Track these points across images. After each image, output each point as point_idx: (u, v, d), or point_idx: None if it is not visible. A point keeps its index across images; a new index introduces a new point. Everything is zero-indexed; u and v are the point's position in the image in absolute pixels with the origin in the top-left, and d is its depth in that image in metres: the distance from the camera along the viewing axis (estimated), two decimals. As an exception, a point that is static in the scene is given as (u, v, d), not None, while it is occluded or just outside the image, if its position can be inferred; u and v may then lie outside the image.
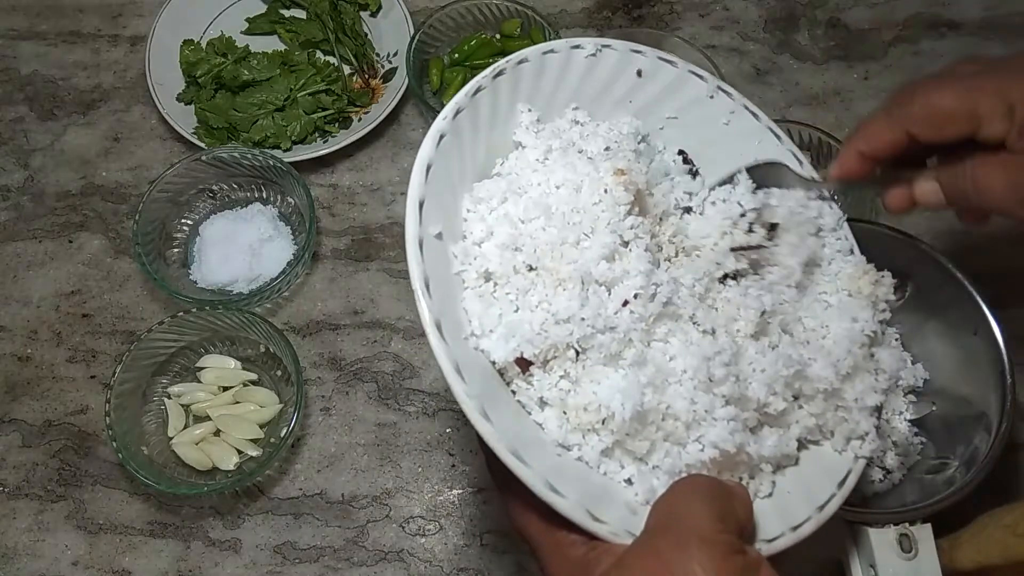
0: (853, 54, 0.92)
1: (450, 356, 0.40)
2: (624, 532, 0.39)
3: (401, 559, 0.70)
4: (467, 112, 0.46)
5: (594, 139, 0.49)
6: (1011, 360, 0.60)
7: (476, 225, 0.45)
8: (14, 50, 0.93)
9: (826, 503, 0.45)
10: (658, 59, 0.52)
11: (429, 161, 0.44)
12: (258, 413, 0.73)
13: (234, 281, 0.78)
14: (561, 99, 0.50)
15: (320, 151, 0.82)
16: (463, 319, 0.43)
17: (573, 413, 0.43)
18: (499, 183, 0.47)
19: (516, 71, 0.48)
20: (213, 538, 0.71)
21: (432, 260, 0.42)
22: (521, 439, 0.40)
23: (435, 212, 0.43)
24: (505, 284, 0.44)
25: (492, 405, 0.40)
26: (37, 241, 0.83)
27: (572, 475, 0.41)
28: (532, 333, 0.42)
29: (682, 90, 0.53)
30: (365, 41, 0.90)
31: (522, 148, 0.49)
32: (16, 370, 0.77)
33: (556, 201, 0.46)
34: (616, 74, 0.51)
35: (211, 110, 0.84)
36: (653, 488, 0.42)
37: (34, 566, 0.70)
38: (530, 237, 0.44)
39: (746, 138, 0.54)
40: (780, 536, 0.43)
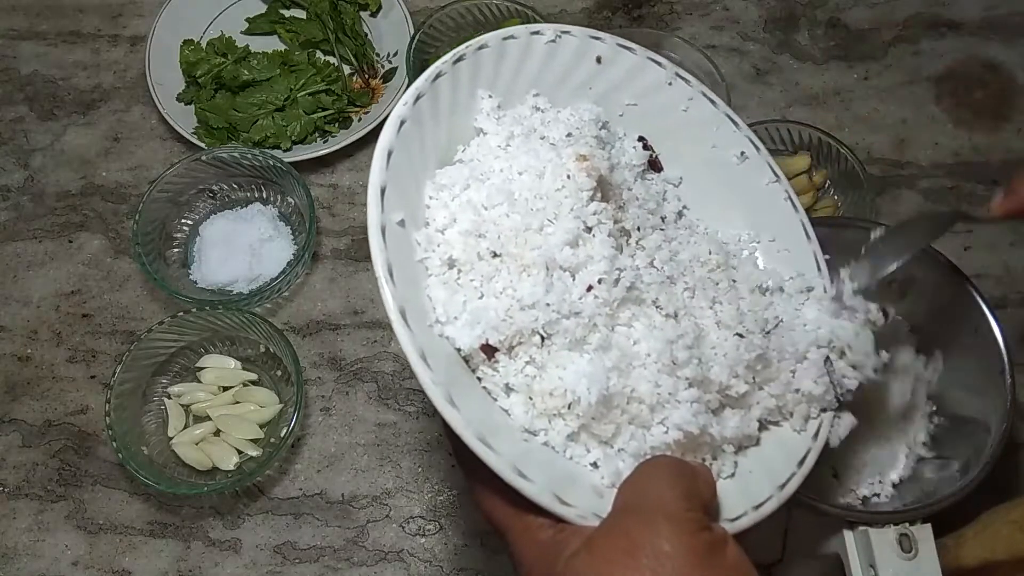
0: (853, 54, 0.92)
1: (415, 344, 0.40)
2: (591, 515, 0.39)
3: (401, 559, 0.70)
4: (427, 98, 0.46)
5: (556, 125, 0.49)
6: (1011, 360, 0.60)
7: (439, 212, 0.45)
8: (14, 50, 0.93)
9: (787, 482, 0.45)
10: (617, 45, 0.52)
11: (390, 147, 0.44)
12: (258, 413, 0.73)
13: (234, 281, 0.78)
14: (522, 85, 0.50)
15: (320, 151, 0.82)
16: (427, 306, 0.43)
17: (539, 398, 0.43)
18: (461, 170, 0.47)
19: (476, 56, 0.48)
20: (213, 538, 0.71)
21: (395, 247, 0.42)
22: (488, 425, 0.40)
23: (397, 199, 0.43)
24: (469, 271, 0.44)
25: (458, 392, 0.40)
26: (37, 241, 0.83)
27: (539, 460, 0.41)
28: (497, 319, 0.42)
29: (641, 76, 0.53)
30: (365, 41, 0.90)
31: (484, 134, 0.49)
32: (16, 370, 0.77)
33: (519, 187, 0.46)
34: (576, 60, 0.51)
35: (211, 110, 0.84)
36: (619, 471, 0.43)
37: (34, 566, 0.70)
38: (493, 224, 0.44)
39: (704, 125, 0.54)
40: (743, 515, 0.43)
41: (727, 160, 0.54)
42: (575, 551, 0.37)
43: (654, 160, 0.54)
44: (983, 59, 0.91)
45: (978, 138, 0.87)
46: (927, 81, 0.90)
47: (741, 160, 0.54)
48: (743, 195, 0.55)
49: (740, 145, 0.54)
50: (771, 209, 0.54)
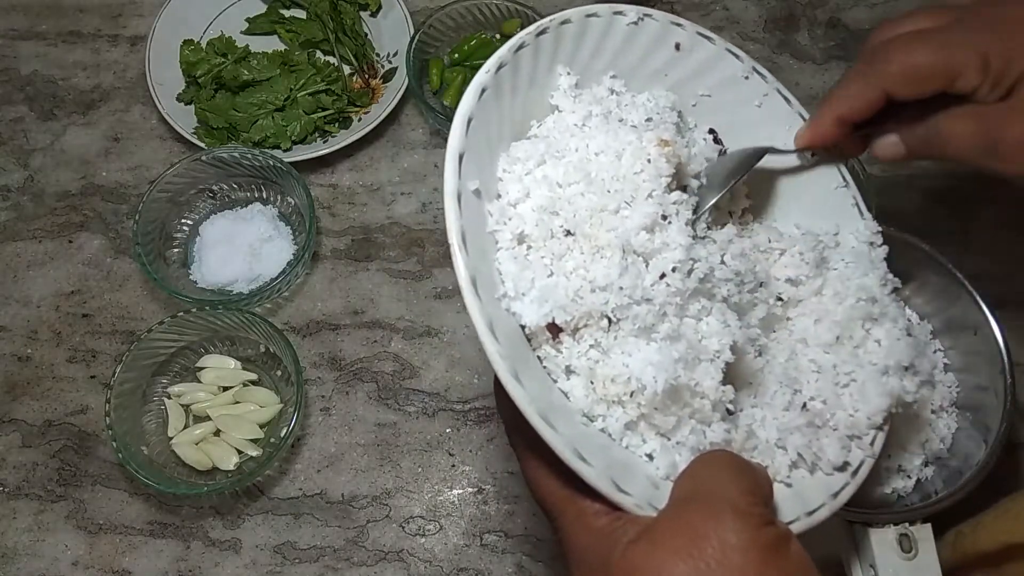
0: (853, 54, 0.92)
1: (484, 315, 0.39)
2: (647, 505, 0.39)
3: (401, 559, 0.70)
4: (509, 68, 0.45)
5: (634, 109, 0.48)
6: (1011, 360, 0.60)
7: (512, 186, 0.45)
8: (14, 50, 0.93)
9: (840, 490, 0.45)
10: (697, 34, 0.52)
11: (470, 114, 0.43)
12: (258, 413, 0.73)
13: (234, 281, 0.78)
14: (599, 65, 0.50)
15: (320, 151, 0.82)
16: (496, 279, 0.42)
17: (600, 383, 0.42)
18: (537, 145, 0.46)
19: (559, 31, 0.47)
20: (213, 538, 0.71)
21: (469, 216, 0.41)
22: (549, 405, 0.39)
23: (474, 167, 0.42)
24: (540, 248, 0.43)
25: (521, 368, 0.39)
26: (37, 241, 0.83)
27: (596, 445, 0.41)
28: (566, 299, 0.42)
29: (717, 68, 0.52)
30: (365, 41, 0.90)
31: (559, 112, 0.48)
32: (16, 370, 0.77)
33: (596, 167, 0.45)
34: (655, 45, 0.51)
35: (211, 110, 0.84)
36: (675, 463, 0.42)
37: (34, 566, 0.70)
38: (568, 202, 0.44)
39: (776, 122, 0.53)
40: (796, 520, 0.42)
41: (795, 160, 0.54)
42: (634, 539, 0.37)
43: (724, 153, 0.53)
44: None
45: (978, 138, 0.87)
46: (927, 81, 0.90)
47: (811, 161, 0.53)
48: (808, 197, 0.54)
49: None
50: (837, 212, 0.53)
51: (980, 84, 0.46)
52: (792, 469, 0.45)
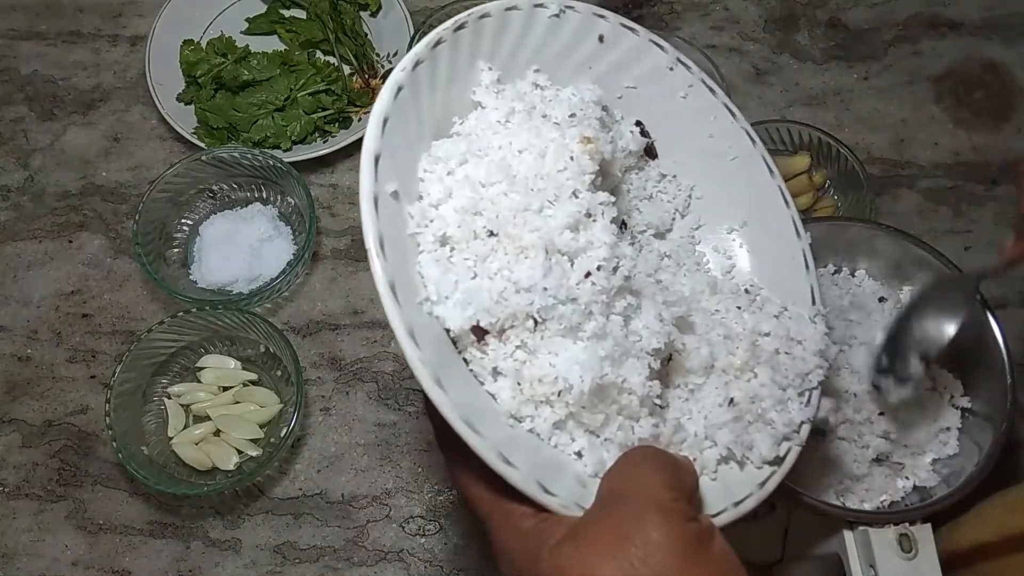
0: (853, 54, 0.92)
1: (404, 320, 0.38)
2: (574, 505, 0.39)
3: (401, 559, 0.70)
4: (426, 65, 0.44)
5: (558, 104, 0.48)
6: (1011, 360, 0.60)
7: (433, 186, 0.44)
8: (14, 50, 0.93)
9: (766, 480, 0.45)
10: (620, 25, 0.51)
11: (386, 114, 0.41)
12: (258, 413, 0.73)
13: (234, 281, 0.78)
14: (522, 59, 0.49)
15: (320, 151, 0.82)
16: (418, 283, 0.42)
17: (528, 384, 0.42)
18: (458, 143, 0.45)
19: (478, 25, 0.46)
20: (213, 538, 0.71)
21: (387, 219, 0.40)
22: (474, 409, 0.39)
23: (391, 168, 0.41)
24: (464, 249, 0.43)
25: (445, 373, 0.39)
26: (37, 241, 0.83)
27: (524, 447, 0.41)
28: (491, 301, 0.41)
29: (642, 59, 0.52)
30: (365, 41, 0.90)
31: (482, 108, 0.47)
32: (16, 370, 0.77)
33: (519, 166, 0.44)
34: (578, 37, 0.50)
35: (211, 110, 0.84)
36: (603, 460, 0.42)
37: (34, 566, 0.70)
38: (491, 202, 0.43)
39: (703, 113, 0.53)
40: (723, 511, 0.42)
41: (722, 151, 0.54)
42: (560, 540, 0.37)
43: (650, 147, 0.53)
44: (983, 59, 0.91)
45: (978, 138, 0.87)
46: (927, 81, 0.90)
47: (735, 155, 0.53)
48: (736, 188, 0.54)
49: (736, 136, 0.53)
50: (764, 205, 0.53)
51: None
52: (720, 464, 0.45)
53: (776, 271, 0.52)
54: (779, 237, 0.52)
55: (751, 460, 0.45)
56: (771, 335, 0.48)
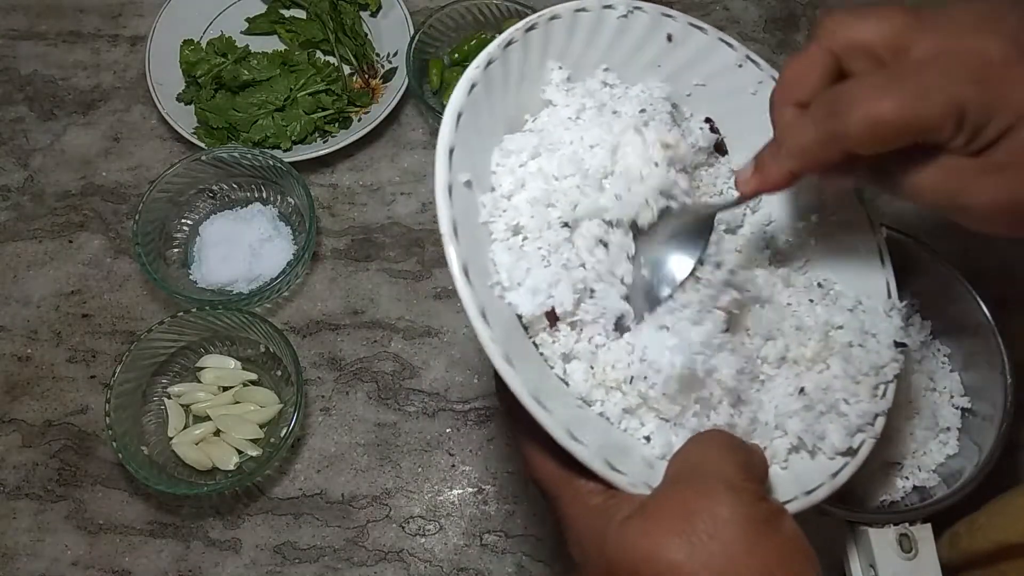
0: (853, 54, 0.92)
1: (476, 301, 0.39)
2: (642, 483, 0.39)
3: (401, 559, 0.70)
4: (499, 63, 0.46)
5: (627, 101, 0.48)
6: (1011, 360, 0.60)
7: (505, 178, 0.45)
8: (14, 50, 0.93)
9: (839, 471, 0.45)
10: (688, 24, 0.52)
11: (460, 109, 0.43)
12: (258, 413, 0.73)
13: (234, 281, 0.78)
14: (591, 59, 0.50)
15: (320, 151, 0.82)
16: (490, 268, 0.43)
17: (601, 369, 0.43)
18: (530, 137, 0.46)
19: (548, 26, 0.48)
20: (213, 538, 0.71)
21: (460, 207, 0.41)
22: (543, 388, 0.40)
23: (464, 160, 0.43)
24: (536, 239, 0.44)
25: (516, 354, 0.39)
26: (37, 241, 0.83)
27: (592, 427, 0.41)
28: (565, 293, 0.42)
29: (711, 57, 0.53)
30: (365, 41, 0.90)
31: (553, 105, 0.48)
32: (16, 370, 0.77)
33: (591, 160, 0.45)
34: (646, 37, 0.51)
35: (211, 110, 0.84)
36: (671, 443, 0.42)
37: (34, 566, 0.70)
38: (564, 194, 0.44)
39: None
40: (794, 499, 0.43)
41: None
42: (627, 516, 0.37)
43: (720, 143, 0.53)
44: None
45: (978, 138, 0.87)
46: (927, 81, 0.90)
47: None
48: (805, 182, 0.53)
49: None
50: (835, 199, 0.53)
51: (953, 137, 0.38)
52: (791, 453, 0.45)
53: (850, 265, 0.52)
54: (851, 231, 0.52)
55: (823, 450, 0.45)
56: (844, 328, 0.48)
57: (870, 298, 0.50)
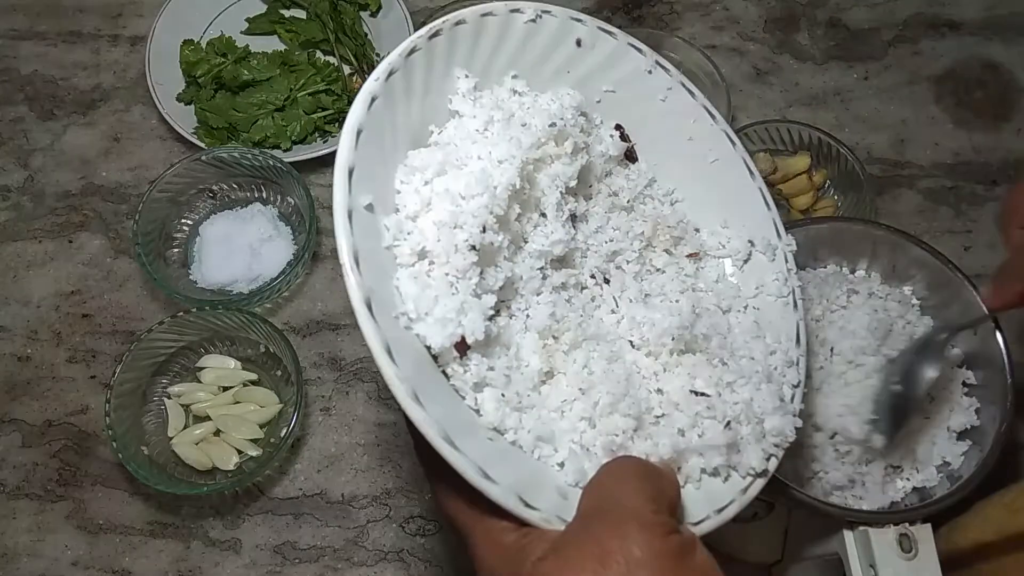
0: (853, 54, 0.92)
1: (380, 337, 0.37)
2: (555, 518, 0.38)
3: (401, 559, 0.70)
4: (400, 74, 0.43)
5: (536, 112, 0.47)
6: (1011, 360, 0.60)
7: (410, 198, 0.42)
8: (14, 50, 0.93)
9: (748, 487, 0.45)
10: (598, 29, 0.51)
11: (359, 126, 0.41)
12: (258, 413, 0.73)
13: (234, 281, 0.78)
14: (499, 65, 0.48)
15: (320, 151, 0.82)
16: (396, 297, 0.41)
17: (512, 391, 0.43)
18: (435, 153, 0.44)
19: (453, 32, 0.46)
20: (213, 538, 0.71)
21: (362, 233, 0.39)
22: (454, 424, 0.38)
23: (366, 181, 0.40)
24: (444, 264, 0.42)
25: (424, 389, 0.38)
26: (37, 241, 0.83)
27: (505, 460, 0.40)
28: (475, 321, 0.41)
29: (621, 63, 0.52)
30: (365, 41, 0.90)
31: (459, 117, 0.47)
32: (16, 370, 0.77)
33: (500, 177, 0.44)
34: (556, 42, 0.50)
35: (211, 110, 0.84)
36: (583, 470, 0.42)
37: (34, 566, 0.70)
38: (472, 215, 0.42)
39: (682, 116, 0.53)
40: (706, 519, 0.42)
41: (703, 153, 0.53)
42: (542, 556, 0.37)
43: (630, 150, 0.53)
44: (983, 59, 0.91)
45: (978, 138, 0.87)
46: (927, 81, 0.90)
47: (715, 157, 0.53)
48: (716, 191, 0.54)
49: (716, 139, 0.53)
50: (744, 206, 0.53)
51: None
52: (704, 474, 0.45)
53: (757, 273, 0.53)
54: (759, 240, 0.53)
55: (737, 471, 0.45)
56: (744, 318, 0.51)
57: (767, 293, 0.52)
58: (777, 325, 0.51)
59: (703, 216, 0.54)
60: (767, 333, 0.50)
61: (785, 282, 0.52)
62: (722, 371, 0.47)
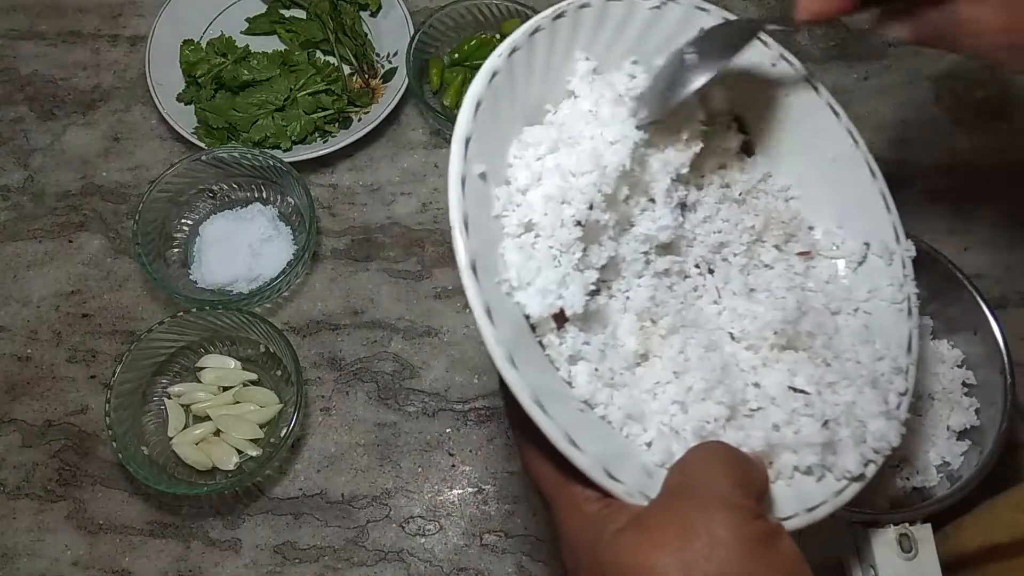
0: (853, 54, 0.92)
1: (483, 298, 0.38)
2: (639, 494, 0.38)
3: (401, 559, 0.70)
4: (523, 52, 0.44)
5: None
6: (1011, 360, 0.60)
7: (522, 172, 0.43)
8: (14, 50, 0.93)
9: (842, 490, 0.44)
10: (723, 19, 0.50)
11: (479, 98, 0.42)
12: (258, 413, 0.73)
13: (234, 281, 0.78)
14: (620, 50, 0.49)
15: (320, 151, 0.82)
16: (499, 265, 0.42)
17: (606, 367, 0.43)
18: (549, 130, 0.45)
19: (577, 15, 0.46)
20: (213, 538, 0.71)
21: (473, 200, 0.40)
22: (546, 391, 0.39)
23: (481, 151, 0.41)
24: (548, 237, 0.42)
25: (520, 354, 0.39)
26: (37, 241, 0.83)
27: (593, 432, 0.40)
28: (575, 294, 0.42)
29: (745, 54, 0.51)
30: (365, 41, 0.90)
31: (575, 98, 0.47)
32: (16, 370, 0.77)
33: (611, 157, 0.44)
34: (679, 30, 0.49)
35: (211, 110, 0.84)
36: (671, 451, 0.42)
37: (34, 566, 0.70)
38: (580, 192, 0.43)
39: (805, 111, 0.52)
40: (795, 515, 0.42)
41: (823, 151, 0.53)
42: (622, 528, 0.36)
43: (747, 143, 0.52)
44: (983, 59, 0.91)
45: (978, 138, 0.87)
46: (927, 81, 0.90)
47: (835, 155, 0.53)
48: (835, 189, 0.53)
49: (838, 136, 0.53)
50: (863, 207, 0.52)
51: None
52: (797, 471, 0.44)
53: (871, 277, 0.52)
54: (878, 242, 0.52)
55: (832, 473, 0.45)
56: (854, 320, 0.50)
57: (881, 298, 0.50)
58: (888, 331, 0.49)
59: (818, 214, 0.53)
60: (877, 338, 0.49)
61: (900, 288, 0.50)
62: (824, 371, 0.46)
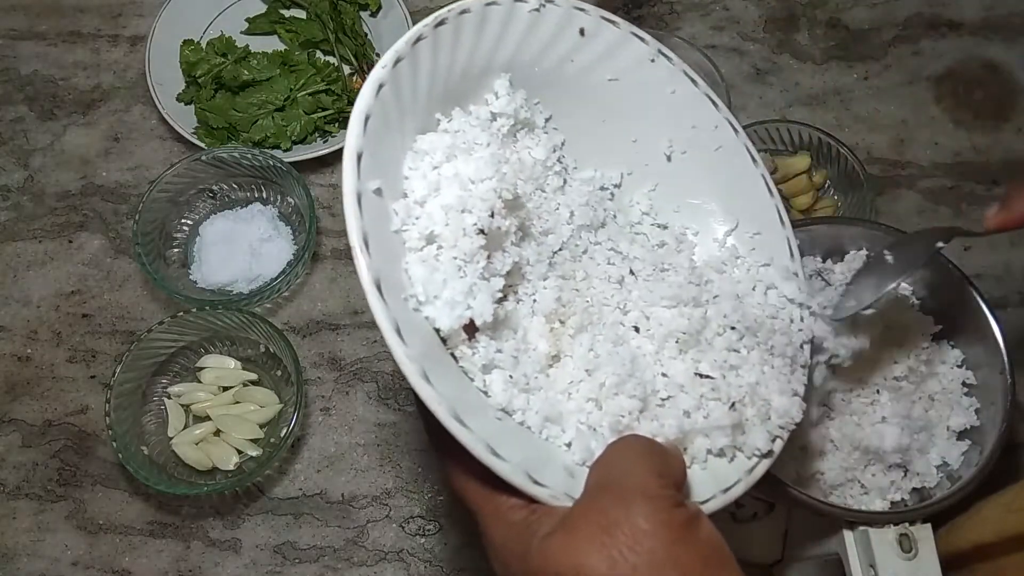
0: (853, 54, 0.92)
1: (390, 317, 0.38)
2: (563, 495, 0.39)
3: (401, 559, 0.70)
4: (407, 62, 0.44)
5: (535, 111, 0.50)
6: (1011, 360, 0.60)
7: (418, 183, 0.43)
8: (14, 50, 0.93)
9: (754, 468, 0.45)
10: (601, 19, 0.51)
11: (367, 112, 0.41)
12: (258, 413, 0.73)
13: (234, 281, 0.78)
14: (503, 55, 0.49)
15: (320, 151, 0.82)
16: (404, 281, 0.41)
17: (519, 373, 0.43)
18: (443, 137, 0.45)
19: (458, 21, 0.46)
20: (213, 538, 0.71)
21: (371, 217, 0.40)
22: (462, 403, 0.39)
23: (374, 166, 0.41)
24: (451, 248, 0.42)
25: (433, 369, 0.39)
26: (37, 241, 0.83)
27: (513, 439, 0.41)
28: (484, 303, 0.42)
29: (624, 52, 0.52)
30: (365, 41, 0.90)
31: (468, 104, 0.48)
32: (16, 370, 0.77)
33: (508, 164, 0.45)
34: (559, 31, 0.50)
35: (211, 110, 0.84)
36: (590, 449, 0.42)
37: (34, 566, 0.70)
38: (480, 199, 0.43)
39: (685, 104, 0.53)
40: (712, 498, 0.43)
41: (706, 141, 0.54)
42: (550, 531, 0.37)
43: None
44: (983, 59, 0.91)
45: (978, 138, 0.87)
46: (927, 81, 0.90)
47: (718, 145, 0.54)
48: (720, 178, 0.54)
49: (719, 126, 0.54)
50: (748, 194, 0.54)
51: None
52: (710, 454, 0.46)
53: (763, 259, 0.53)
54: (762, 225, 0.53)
55: (743, 451, 0.46)
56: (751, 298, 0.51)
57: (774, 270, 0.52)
58: (784, 312, 0.51)
59: (708, 204, 0.54)
60: (774, 319, 0.51)
61: (788, 268, 0.52)
62: (727, 355, 0.48)
